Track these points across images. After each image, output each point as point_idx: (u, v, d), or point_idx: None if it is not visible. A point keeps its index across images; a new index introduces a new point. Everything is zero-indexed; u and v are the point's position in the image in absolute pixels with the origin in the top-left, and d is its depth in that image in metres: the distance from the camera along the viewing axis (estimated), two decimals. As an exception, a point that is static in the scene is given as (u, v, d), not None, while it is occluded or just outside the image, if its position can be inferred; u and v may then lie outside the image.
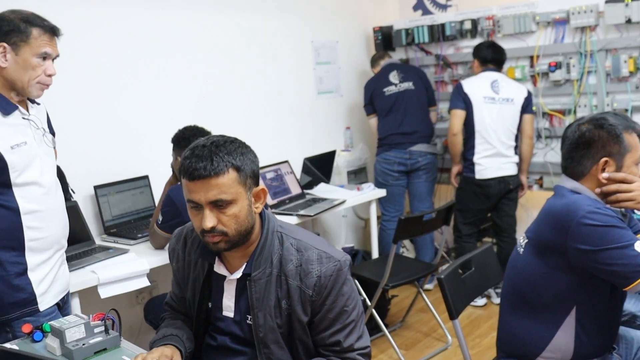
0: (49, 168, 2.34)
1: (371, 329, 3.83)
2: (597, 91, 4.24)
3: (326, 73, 5.05)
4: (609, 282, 1.98)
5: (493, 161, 4.31)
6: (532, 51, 4.46)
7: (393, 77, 4.77)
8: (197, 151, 1.68)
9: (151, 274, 2.98)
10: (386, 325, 3.89)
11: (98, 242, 3.31)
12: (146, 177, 3.69)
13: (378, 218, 4.63)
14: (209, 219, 1.68)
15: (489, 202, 4.41)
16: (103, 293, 2.81)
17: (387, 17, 5.50)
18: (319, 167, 4.59)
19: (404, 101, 4.73)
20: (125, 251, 3.12)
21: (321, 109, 5.04)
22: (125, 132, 3.69)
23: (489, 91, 4.28)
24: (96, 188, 3.45)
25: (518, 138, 4.39)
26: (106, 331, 1.92)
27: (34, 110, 2.34)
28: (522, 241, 2.17)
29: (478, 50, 4.41)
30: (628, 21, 3.94)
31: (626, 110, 4.10)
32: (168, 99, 3.91)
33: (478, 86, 4.31)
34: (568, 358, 2.08)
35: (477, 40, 4.69)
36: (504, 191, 4.37)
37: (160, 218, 2.97)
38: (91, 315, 1.96)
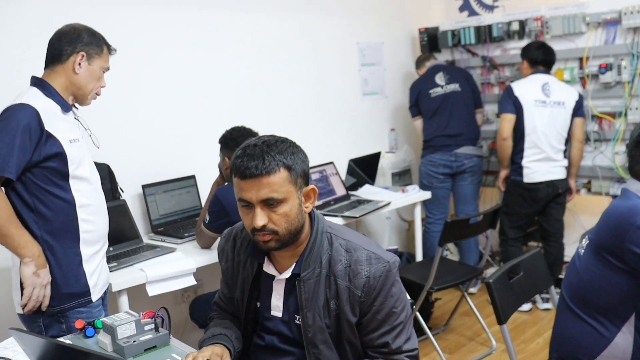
0: (93, 165, 2.48)
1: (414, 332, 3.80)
2: (649, 93, 4.14)
3: (371, 74, 5.04)
4: None
5: (542, 165, 4.24)
6: (582, 52, 4.37)
7: (439, 79, 4.73)
8: (249, 150, 1.69)
9: (197, 273, 3.00)
10: (429, 328, 3.86)
11: (145, 241, 3.36)
12: (193, 177, 3.73)
13: (422, 220, 4.60)
14: (260, 218, 1.69)
15: (537, 206, 4.33)
16: (151, 291, 2.85)
17: (433, 18, 5.47)
18: (364, 169, 4.58)
19: (450, 103, 4.69)
20: (172, 250, 3.16)
21: (366, 111, 5.03)
22: (173, 133, 3.74)
23: (540, 94, 4.20)
24: (144, 187, 3.50)
25: (567, 142, 4.30)
26: (156, 329, 1.94)
27: (80, 111, 2.53)
28: (584, 242, 2.12)
29: (527, 51, 4.32)
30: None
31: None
32: (215, 101, 3.95)
33: (529, 89, 4.23)
34: None
35: (525, 41, 4.61)
36: (553, 195, 4.29)
37: (207, 218, 2.99)
38: (141, 312, 1.99)
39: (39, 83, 2.35)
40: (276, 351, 1.90)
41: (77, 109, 2.52)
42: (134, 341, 1.88)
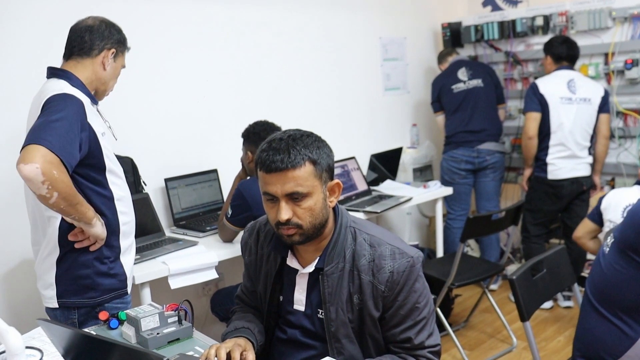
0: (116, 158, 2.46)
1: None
2: (676, 90, 4.09)
3: (393, 69, 5.02)
4: None
5: (567, 162, 4.20)
6: (607, 48, 4.32)
7: (462, 74, 4.70)
8: (275, 144, 1.69)
9: (218, 267, 3.01)
10: (450, 324, 3.85)
11: (168, 234, 3.38)
12: (215, 171, 3.75)
13: (443, 216, 4.58)
14: (285, 211, 1.69)
15: (561, 203, 4.30)
16: (173, 284, 2.86)
17: (456, 13, 5.43)
18: (385, 164, 4.57)
19: (472, 99, 4.66)
20: (194, 243, 3.17)
21: (388, 106, 5.01)
22: (195, 127, 3.76)
23: (566, 91, 4.15)
24: (167, 181, 3.52)
25: (592, 138, 4.26)
26: (179, 321, 1.96)
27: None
28: (609, 240, 2.10)
29: (551, 46, 4.27)
30: None
31: None
32: (238, 95, 3.96)
33: (554, 86, 4.19)
34: None
35: (549, 36, 4.56)
36: (577, 192, 4.26)
37: (229, 212, 3.00)
38: (165, 305, 2.00)
39: (64, 75, 2.29)
40: (298, 345, 1.90)
41: None
42: (158, 333, 1.90)
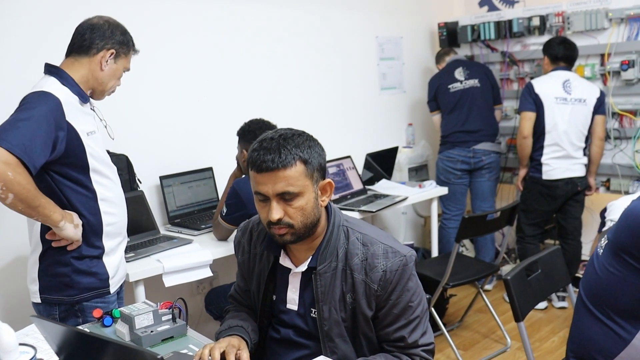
0: (109, 157, 2.45)
1: (429, 328, 3.81)
2: (672, 91, 4.10)
3: (390, 69, 5.02)
4: None
5: (561, 162, 4.20)
6: (604, 49, 4.33)
7: (458, 74, 4.70)
8: (265, 144, 1.69)
9: (212, 265, 3.02)
10: (444, 324, 3.85)
11: (162, 232, 3.38)
12: (210, 169, 3.74)
13: (438, 216, 4.59)
14: (276, 211, 1.69)
15: (555, 204, 4.30)
16: (167, 282, 2.86)
17: (453, 13, 5.44)
18: (381, 163, 4.57)
19: (469, 99, 4.66)
20: (189, 241, 3.18)
21: (384, 105, 5.01)
22: (191, 125, 3.75)
23: (561, 91, 4.16)
24: (162, 178, 3.52)
25: (588, 139, 4.27)
26: (173, 319, 1.96)
27: (96, 103, 2.50)
28: (603, 242, 2.10)
29: (549, 47, 4.27)
30: None
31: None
32: (233, 93, 3.95)
33: (549, 86, 4.19)
34: None
35: (546, 37, 4.57)
36: (571, 193, 4.26)
37: (224, 210, 3.00)
38: (159, 303, 2.00)
39: (56, 72, 2.29)
40: (291, 344, 1.90)
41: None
42: (152, 331, 1.90)
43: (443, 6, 5.44)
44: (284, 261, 1.87)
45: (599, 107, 4.19)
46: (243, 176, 3.15)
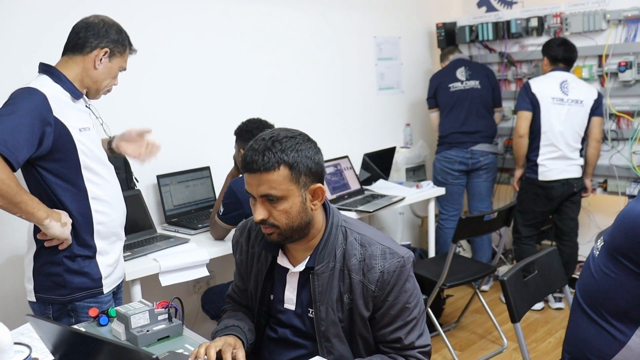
0: (105, 155, 2.44)
1: (426, 328, 3.81)
2: (669, 93, 4.10)
3: (388, 69, 5.02)
4: None
5: (557, 163, 4.21)
6: (601, 50, 4.33)
7: (460, 74, 4.70)
8: (255, 144, 1.69)
9: (209, 264, 3.01)
10: (441, 325, 3.85)
11: (159, 231, 3.37)
12: (207, 168, 3.74)
13: (436, 216, 4.59)
14: (259, 212, 1.71)
15: (551, 205, 4.31)
16: (164, 281, 2.85)
17: (451, 14, 5.44)
18: (378, 164, 4.57)
19: (468, 99, 4.66)
20: (185, 241, 3.17)
21: (382, 105, 5.01)
22: (188, 124, 3.74)
23: (558, 92, 4.16)
24: (159, 177, 3.51)
25: (584, 140, 4.27)
26: (169, 319, 1.95)
27: (93, 100, 2.48)
28: (599, 244, 2.10)
29: (549, 48, 4.27)
30: None
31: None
32: (231, 92, 3.95)
33: (546, 86, 4.20)
34: None
35: (544, 38, 4.58)
36: (568, 194, 4.26)
37: (221, 209, 2.99)
38: (155, 302, 2.00)
39: (48, 70, 2.29)
40: (289, 344, 1.90)
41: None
42: (147, 331, 1.89)
43: (441, 6, 5.44)
44: (282, 261, 1.87)
45: (596, 109, 4.19)
46: (240, 175, 3.15)
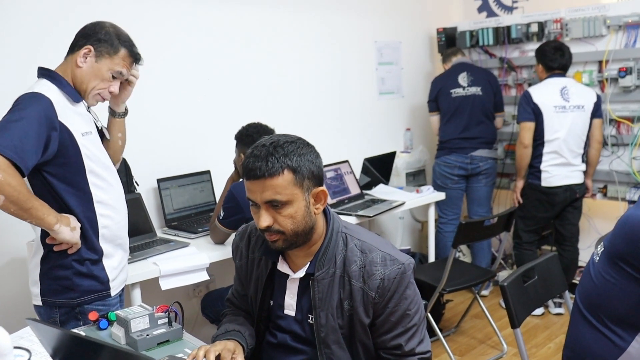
0: (108, 159, 2.44)
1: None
2: (669, 98, 4.10)
3: (388, 73, 5.03)
4: None
5: (561, 169, 4.20)
6: (601, 56, 4.33)
7: (462, 79, 4.69)
8: (256, 151, 1.69)
9: (209, 268, 3.01)
10: (440, 329, 3.85)
11: (159, 235, 3.37)
12: (208, 172, 3.74)
13: (435, 221, 4.59)
14: (264, 219, 1.70)
15: (553, 211, 4.30)
16: (164, 285, 2.85)
17: (451, 19, 5.44)
18: (378, 168, 4.57)
19: (469, 106, 4.66)
20: (185, 244, 3.17)
21: (382, 110, 5.02)
22: (189, 128, 3.75)
23: (560, 99, 4.14)
24: (159, 181, 3.51)
25: (586, 144, 4.27)
26: (169, 323, 1.95)
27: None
28: (599, 249, 2.10)
29: (543, 55, 4.24)
30: None
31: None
32: (232, 96, 3.95)
33: (548, 95, 4.17)
34: None
35: (544, 43, 4.58)
36: (570, 200, 4.26)
37: (221, 214, 2.99)
38: (155, 306, 2.00)
39: (47, 73, 2.30)
40: (288, 349, 1.90)
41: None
42: (147, 335, 1.89)
43: (442, 12, 5.44)
44: (282, 267, 1.86)
45: (597, 111, 4.19)
46: (240, 180, 3.15)
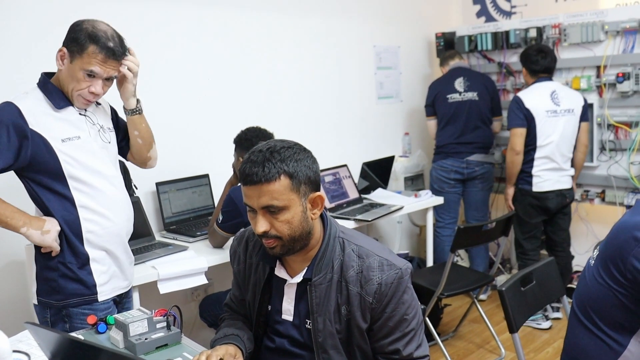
0: (105, 163, 2.39)
1: (423, 338, 3.81)
2: (667, 104, 4.11)
3: (387, 78, 5.04)
4: None
5: (552, 174, 4.19)
6: (599, 61, 4.34)
7: (458, 85, 4.70)
8: (253, 156, 1.70)
9: (207, 272, 3.01)
10: (438, 334, 3.85)
11: (158, 238, 3.37)
12: (206, 176, 3.74)
13: (433, 225, 4.59)
14: (261, 224, 1.70)
15: (546, 215, 4.29)
16: (162, 289, 2.86)
17: (450, 23, 5.46)
18: (377, 172, 4.57)
19: (465, 111, 4.67)
20: (184, 248, 3.17)
21: (381, 114, 5.03)
22: (188, 132, 3.75)
23: (551, 104, 4.13)
24: (158, 185, 3.52)
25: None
26: (168, 327, 1.95)
27: (92, 107, 2.42)
28: (594, 253, 2.11)
29: (527, 60, 4.22)
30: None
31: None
32: (231, 100, 3.96)
33: (539, 100, 4.15)
34: None
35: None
36: (562, 205, 4.26)
37: (220, 217, 3.00)
38: (153, 310, 2.00)
39: (41, 80, 2.31)
40: (286, 354, 1.90)
41: (99, 104, 2.47)
42: (146, 339, 1.89)
43: (440, 16, 5.46)
44: (280, 272, 1.87)
45: (584, 115, 4.19)
46: (239, 184, 3.15)
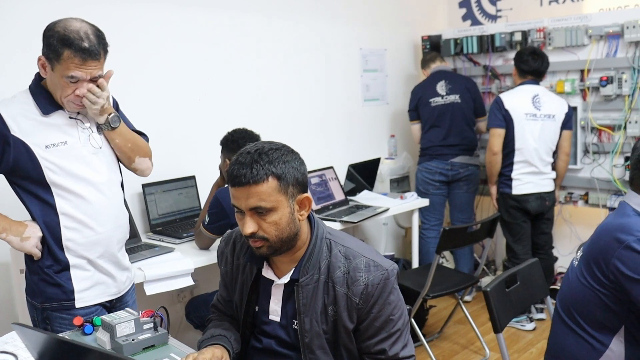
0: (95, 169, 2.32)
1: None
2: (649, 107, 4.16)
3: (373, 80, 5.06)
4: None
5: (531, 177, 4.23)
6: (583, 65, 4.39)
7: (440, 88, 4.73)
8: (241, 158, 1.71)
9: (194, 274, 3.01)
10: (424, 335, 3.88)
11: (144, 240, 3.37)
12: (193, 178, 3.74)
13: (419, 227, 4.61)
14: (249, 225, 1.71)
15: (529, 216, 4.32)
16: (149, 290, 2.86)
17: (436, 27, 5.49)
18: (363, 174, 4.59)
19: (449, 114, 4.70)
20: (170, 250, 3.17)
21: (367, 116, 5.04)
22: (174, 133, 3.75)
23: (531, 107, 4.17)
24: (144, 186, 3.50)
25: (555, 153, 4.30)
26: (155, 328, 1.95)
27: (85, 110, 2.31)
28: (578, 255, 2.13)
29: (519, 59, 4.27)
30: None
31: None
32: (217, 102, 3.96)
33: (519, 102, 4.19)
34: None
35: (528, 52, 4.63)
36: (542, 209, 4.29)
37: (206, 219, 3.00)
38: (140, 311, 2.00)
39: (32, 82, 2.26)
40: (273, 354, 1.91)
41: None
42: (133, 340, 1.89)
43: (427, 19, 5.49)
44: (267, 273, 1.88)
45: (567, 123, 4.22)
46: (226, 185, 3.16)
